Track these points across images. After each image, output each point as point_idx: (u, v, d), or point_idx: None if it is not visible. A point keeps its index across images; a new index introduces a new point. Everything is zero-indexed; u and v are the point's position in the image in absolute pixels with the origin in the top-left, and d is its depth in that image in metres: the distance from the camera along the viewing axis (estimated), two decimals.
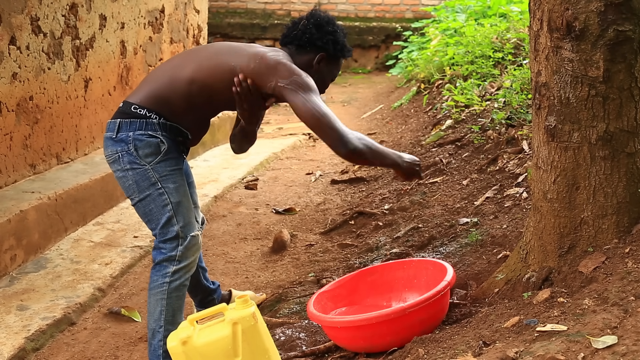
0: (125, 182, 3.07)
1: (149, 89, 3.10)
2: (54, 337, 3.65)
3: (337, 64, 3.27)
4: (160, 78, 3.12)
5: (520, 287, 2.89)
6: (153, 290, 3.08)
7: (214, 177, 6.14)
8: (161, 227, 3.05)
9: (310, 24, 3.19)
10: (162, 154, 3.03)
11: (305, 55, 3.18)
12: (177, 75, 3.07)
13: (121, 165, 3.04)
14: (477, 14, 8.65)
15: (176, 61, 3.20)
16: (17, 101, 4.61)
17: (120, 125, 3.03)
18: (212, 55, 3.14)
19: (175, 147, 3.10)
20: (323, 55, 3.18)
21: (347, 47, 3.25)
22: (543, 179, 2.86)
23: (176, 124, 3.09)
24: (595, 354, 2.06)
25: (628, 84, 2.65)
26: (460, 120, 5.80)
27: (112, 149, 3.05)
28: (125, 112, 3.06)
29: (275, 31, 12.29)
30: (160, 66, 3.25)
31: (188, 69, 3.07)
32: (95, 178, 5.08)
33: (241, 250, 4.69)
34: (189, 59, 3.14)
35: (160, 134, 3.03)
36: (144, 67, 6.45)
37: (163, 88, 3.07)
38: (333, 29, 3.19)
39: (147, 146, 3.01)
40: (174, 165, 3.08)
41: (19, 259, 4.24)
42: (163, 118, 3.04)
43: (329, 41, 3.17)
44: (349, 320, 2.96)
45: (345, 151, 2.87)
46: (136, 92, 3.13)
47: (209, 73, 3.05)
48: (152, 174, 3.02)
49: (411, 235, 4.15)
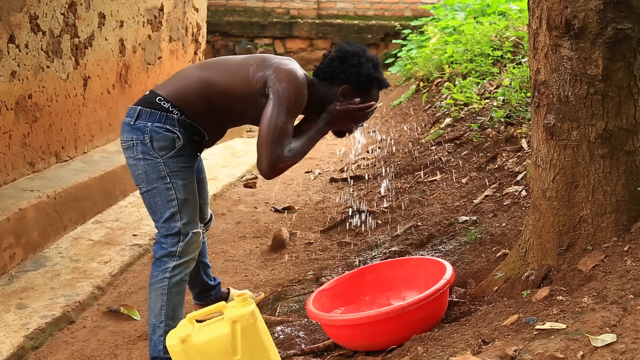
0: (136, 171, 3.09)
1: (178, 85, 3.14)
2: (53, 336, 3.65)
3: (366, 96, 3.18)
4: (190, 77, 3.16)
5: (520, 285, 2.89)
6: (153, 286, 3.10)
7: (213, 175, 6.14)
8: (164, 221, 3.07)
9: (335, 57, 3.17)
10: (176, 150, 3.06)
11: (330, 88, 3.17)
12: (204, 77, 3.11)
13: (134, 154, 3.06)
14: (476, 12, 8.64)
15: (208, 64, 3.25)
16: (16, 99, 4.61)
17: (140, 112, 3.06)
18: (239, 62, 3.17)
19: (190, 145, 3.12)
20: (347, 88, 3.14)
21: (374, 78, 3.17)
22: (542, 177, 2.86)
23: (195, 124, 3.11)
24: (594, 352, 2.06)
25: (627, 82, 2.65)
26: (460, 118, 5.80)
27: (128, 135, 3.07)
28: (149, 101, 3.09)
29: (274, 29, 12.29)
30: (193, 65, 3.32)
31: (214, 72, 3.12)
32: (95, 176, 5.08)
33: (240, 249, 4.69)
34: (219, 64, 3.20)
35: (177, 130, 3.05)
36: (142, 65, 6.45)
37: (190, 87, 3.11)
38: (357, 62, 3.13)
39: (163, 140, 3.03)
40: (186, 163, 3.11)
41: (18, 258, 4.24)
42: (184, 115, 3.07)
43: (352, 74, 3.12)
44: (348, 319, 2.96)
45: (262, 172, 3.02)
46: (165, 85, 3.17)
47: (229, 79, 3.09)
48: (162, 168, 3.04)
49: (410, 234, 4.15)
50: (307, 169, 6.47)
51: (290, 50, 12.21)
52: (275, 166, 2.97)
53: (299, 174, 6.34)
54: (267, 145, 2.94)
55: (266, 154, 2.95)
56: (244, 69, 3.10)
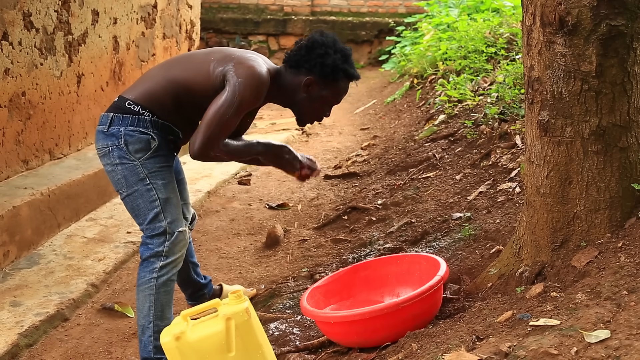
0: (115, 176, 3.09)
1: (145, 86, 3.13)
2: (48, 333, 3.65)
3: (332, 88, 3.13)
4: (155, 77, 3.15)
5: (514, 281, 2.89)
6: (141, 287, 3.09)
7: (207, 172, 6.13)
8: (148, 222, 3.07)
9: (303, 45, 3.14)
10: (152, 151, 3.05)
11: (296, 76, 3.13)
12: (168, 76, 3.10)
13: (111, 160, 3.06)
14: (470, 8, 8.65)
15: (172, 62, 3.24)
16: (9, 97, 4.59)
17: (112, 119, 3.05)
18: (201, 57, 3.16)
19: (166, 145, 3.11)
20: (310, 79, 3.09)
21: (341, 69, 3.09)
22: (536, 174, 2.87)
23: (168, 123, 3.11)
24: (588, 348, 2.06)
25: (621, 78, 2.65)
26: (453, 115, 5.81)
27: (103, 142, 3.07)
28: (119, 107, 3.08)
29: (268, 26, 12.28)
30: (158, 65, 3.30)
31: (177, 70, 3.11)
32: (88, 174, 5.07)
33: (234, 246, 4.69)
34: (182, 61, 3.19)
35: (151, 131, 3.05)
36: (136, 62, 6.44)
37: (156, 87, 3.10)
38: (324, 52, 3.07)
39: (138, 142, 3.02)
40: (164, 162, 3.10)
41: (12, 255, 4.23)
42: (156, 116, 3.07)
43: (317, 64, 3.07)
44: (343, 315, 2.97)
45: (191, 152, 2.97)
46: (132, 89, 3.15)
47: (192, 75, 3.07)
48: (140, 170, 3.04)
49: (404, 230, 4.15)
50: None
51: (284, 47, 12.20)
52: (206, 151, 2.95)
53: None
54: (206, 130, 2.92)
55: (202, 137, 2.93)
56: (204, 64, 3.07)
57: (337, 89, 3.16)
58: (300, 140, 7.59)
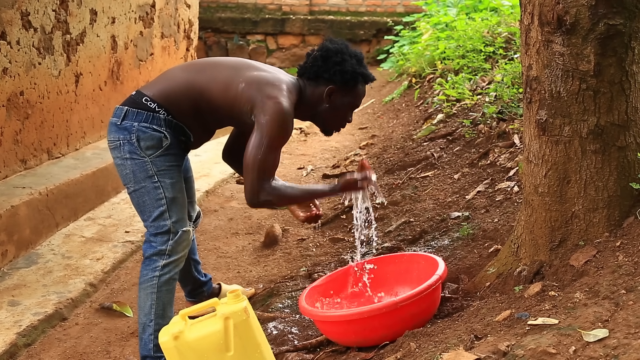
0: (123, 170, 3.09)
1: (165, 85, 3.13)
2: (46, 333, 3.64)
3: (352, 93, 3.16)
4: (177, 78, 3.15)
5: (512, 280, 2.89)
6: (143, 285, 3.10)
7: (206, 171, 6.13)
8: (153, 219, 3.08)
9: (318, 55, 3.14)
10: (164, 149, 3.06)
11: (316, 88, 3.14)
12: (191, 80, 3.10)
13: (121, 153, 3.06)
14: (468, 8, 8.64)
15: (197, 67, 3.24)
16: (7, 96, 4.59)
17: (127, 113, 3.06)
18: (228, 72, 3.13)
19: (177, 145, 3.12)
20: (332, 88, 3.11)
21: (359, 74, 3.12)
22: (534, 173, 2.87)
23: (182, 124, 3.11)
24: (586, 347, 2.06)
25: (619, 77, 2.65)
26: (452, 114, 5.80)
27: (115, 135, 3.07)
28: (135, 101, 3.08)
29: (267, 26, 12.26)
30: (180, 65, 3.31)
31: (203, 78, 3.10)
32: (87, 173, 5.07)
33: (233, 245, 4.68)
34: (208, 68, 3.17)
35: (164, 130, 3.05)
36: (134, 62, 6.44)
37: (176, 88, 3.10)
38: (340, 59, 3.08)
39: (150, 139, 3.03)
40: (174, 162, 3.11)
41: (10, 255, 4.23)
42: (171, 116, 3.07)
43: (336, 72, 3.08)
44: (341, 315, 2.97)
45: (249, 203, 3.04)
46: (152, 85, 3.16)
47: (217, 90, 3.06)
48: (150, 167, 3.04)
49: (403, 230, 4.15)
50: (300, 165, 6.46)
51: (282, 46, 12.19)
52: (256, 196, 2.99)
53: (291, 170, 6.33)
54: (249, 177, 2.97)
55: (247, 185, 2.99)
56: (232, 86, 3.05)
57: (357, 93, 3.18)
58: (298, 140, 7.59)
